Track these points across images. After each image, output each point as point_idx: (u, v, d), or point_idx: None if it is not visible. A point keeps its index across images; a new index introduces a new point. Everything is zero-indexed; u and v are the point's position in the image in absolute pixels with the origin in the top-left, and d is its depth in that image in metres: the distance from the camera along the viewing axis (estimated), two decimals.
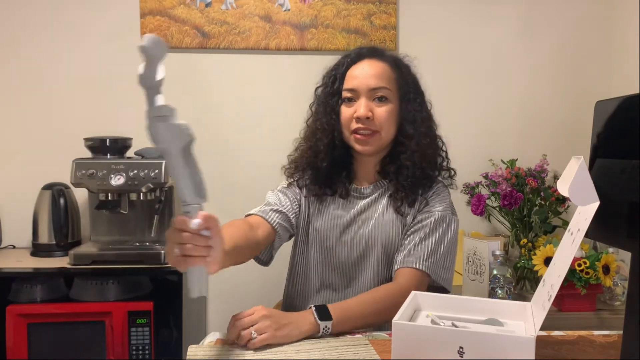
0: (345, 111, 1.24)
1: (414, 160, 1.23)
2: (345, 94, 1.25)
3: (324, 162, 1.27)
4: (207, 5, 2.09)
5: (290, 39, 2.12)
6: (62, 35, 2.07)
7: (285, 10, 2.12)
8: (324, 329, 1.03)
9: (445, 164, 1.32)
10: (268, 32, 2.12)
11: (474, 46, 2.20)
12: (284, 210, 1.28)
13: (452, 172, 1.33)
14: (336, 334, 1.06)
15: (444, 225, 1.23)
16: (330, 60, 1.35)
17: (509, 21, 2.20)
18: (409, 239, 1.23)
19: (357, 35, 2.13)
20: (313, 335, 1.03)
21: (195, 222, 0.84)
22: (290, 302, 1.36)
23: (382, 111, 1.22)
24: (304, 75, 1.38)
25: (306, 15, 2.12)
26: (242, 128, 2.13)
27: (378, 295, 1.15)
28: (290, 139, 1.39)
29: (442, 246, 1.22)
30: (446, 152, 1.33)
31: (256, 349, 0.97)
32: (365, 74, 1.23)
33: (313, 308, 1.04)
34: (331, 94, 1.27)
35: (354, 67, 1.26)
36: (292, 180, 1.34)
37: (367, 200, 1.29)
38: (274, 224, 1.25)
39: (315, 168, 1.29)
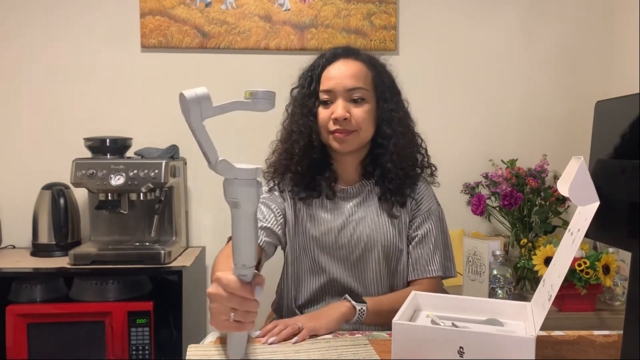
0: (323, 113, 1.23)
1: (394, 162, 1.24)
2: (322, 96, 1.24)
3: (302, 164, 1.25)
4: (207, 5, 2.09)
5: (290, 39, 2.12)
6: (62, 35, 2.07)
7: (285, 10, 2.12)
8: (359, 311, 1.12)
9: (426, 160, 1.33)
10: (268, 32, 2.12)
11: (474, 46, 2.20)
12: (269, 225, 1.25)
13: (434, 169, 1.34)
14: (366, 324, 1.14)
15: (440, 222, 1.31)
16: None
17: (509, 21, 2.21)
18: (418, 249, 1.28)
19: (357, 35, 2.13)
20: (349, 319, 1.11)
21: (258, 291, 0.82)
22: (289, 308, 1.33)
23: (359, 112, 1.21)
24: None
25: (306, 15, 2.12)
26: (242, 128, 2.13)
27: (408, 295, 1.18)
28: None
29: (445, 244, 1.32)
30: (426, 149, 1.34)
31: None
32: (341, 74, 1.22)
33: (347, 296, 1.15)
34: (308, 95, 1.26)
35: (330, 68, 1.24)
36: (272, 184, 1.31)
37: (356, 200, 1.28)
38: (261, 243, 1.22)
39: (294, 171, 1.26)
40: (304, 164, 1.25)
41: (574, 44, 2.22)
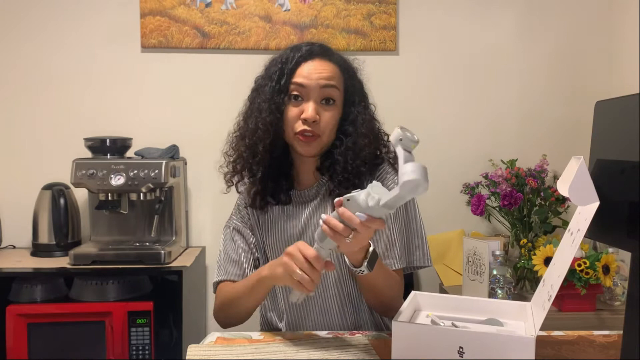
0: (292, 110, 1.17)
1: (347, 157, 1.19)
2: (293, 89, 1.17)
3: (264, 164, 1.19)
4: (207, 5, 2.09)
5: (290, 39, 2.12)
6: (63, 35, 2.07)
7: (285, 11, 2.12)
8: (373, 249, 1.04)
9: (391, 153, 1.27)
10: (268, 32, 2.12)
11: (473, 46, 2.20)
12: (251, 257, 1.26)
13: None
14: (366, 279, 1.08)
15: (402, 208, 1.22)
16: None
17: (509, 21, 2.20)
18: (374, 241, 1.19)
19: (357, 35, 2.13)
20: (367, 246, 1.03)
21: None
22: (267, 320, 1.32)
23: (328, 116, 1.17)
24: None
25: (306, 16, 2.12)
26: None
27: (393, 274, 1.17)
28: None
29: (412, 232, 1.23)
30: (387, 141, 1.27)
31: (259, 351, 0.97)
32: (317, 72, 1.17)
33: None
34: (278, 90, 1.17)
35: (305, 65, 1.18)
36: (231, 184, 1.28)
37: (314, 202, 1.24)
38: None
39: (254, 170, 1.21)
40: (267, 161, 1.19)
41: (574, 44, 2.22)
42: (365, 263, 1.02)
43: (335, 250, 0.99)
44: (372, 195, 0.89)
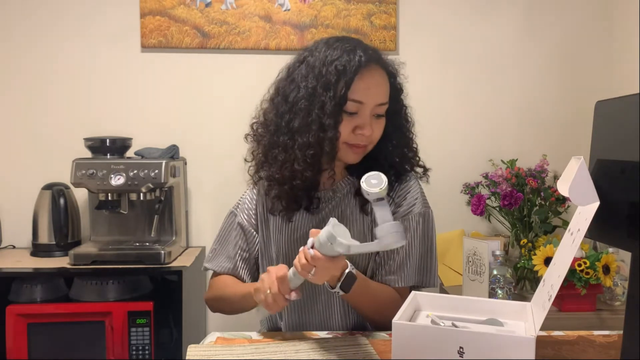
0: (346, 122, 1.13)
1: (379, 161, 1.20)
2: (351, 106, 1.12)
3: (308, 174, 1.14)
4: (207, 5, 2.09)
5: (290, 39, 2.12)
6: (63, 35, 2.07)
7: (285, 10, 2.12)
8: (350, 267, 1.04)
9: (420, 162, 1.27)
10: (268, 32, 2.12)
11: (474, 46, 2.20)
12: (247, 257, 1.27)
13: (425, 169, 1.28)
14: (350, 296, 1.07)
15: (420, 227, 1.20)
16: None
17: (509, 21, 2.20)
18: (385, 256, 1.19)
19: (357, 35, 2.13)
20: (342, 268, 1.02)
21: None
22: (268, 317, 1.32)
23: (379, 128, 1.17)
24: None
25: (306, 15, 2.12)
26: (242, 128, 2.12)
27: (388, 294, 1.17)
28: None
29: (425, 251, 1.22)
30: (416, 149, 1.28)
31: (258, 348, 0.97)
32: (375, 86, 1.14)
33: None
34: (338, 103, 1.11)
35: (364, 75, 1.13)
36: (255, 187, 1.27)
37: (335, 200, 1.22)
38: (245, 279, 1.27)
39: (297, 183, 1.15)
40: (310, 173, 1.15)
41: (574, 43, 2.22)
42: (339, 285, 1.02)
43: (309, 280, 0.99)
44: (335, 237, 0.91)
